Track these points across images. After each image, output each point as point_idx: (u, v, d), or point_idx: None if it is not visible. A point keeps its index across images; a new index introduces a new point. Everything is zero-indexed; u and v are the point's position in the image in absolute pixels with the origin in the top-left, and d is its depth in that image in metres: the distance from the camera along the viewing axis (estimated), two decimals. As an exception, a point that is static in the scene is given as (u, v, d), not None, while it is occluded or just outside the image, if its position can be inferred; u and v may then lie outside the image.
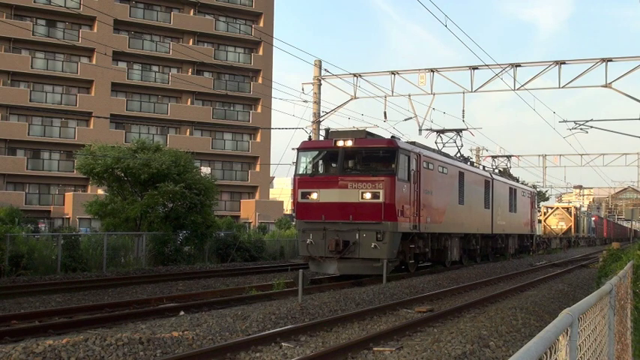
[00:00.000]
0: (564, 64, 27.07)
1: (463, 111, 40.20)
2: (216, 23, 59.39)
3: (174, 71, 57.23)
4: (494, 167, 40.57)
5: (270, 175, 61.28)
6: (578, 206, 66.34)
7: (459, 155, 28.81)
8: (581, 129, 33.59)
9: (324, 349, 9.41)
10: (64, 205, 51.29)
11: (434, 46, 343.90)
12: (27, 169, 51.06)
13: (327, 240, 18.96)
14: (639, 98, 26.40)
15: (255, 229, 41.98)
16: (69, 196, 50.42)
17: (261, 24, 60.43)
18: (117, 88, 54.81)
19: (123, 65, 55.31)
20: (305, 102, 29.93)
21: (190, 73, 57.08)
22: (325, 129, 21.95)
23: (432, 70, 28.78)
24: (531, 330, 11.09)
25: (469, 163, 29.08)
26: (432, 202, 21.80)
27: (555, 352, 2.95)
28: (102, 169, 26.38)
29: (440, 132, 29.68)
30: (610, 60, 26.31)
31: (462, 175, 25.30)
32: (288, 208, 55.54)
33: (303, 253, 19.88)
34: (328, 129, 21.34)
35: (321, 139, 24.10)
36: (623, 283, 7.09)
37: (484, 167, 35.98)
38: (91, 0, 49.91)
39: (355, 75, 29.68)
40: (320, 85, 29.98)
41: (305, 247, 19.49)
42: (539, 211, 56.60)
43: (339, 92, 48.55)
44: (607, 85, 26.40)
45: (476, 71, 28.34)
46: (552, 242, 52.14)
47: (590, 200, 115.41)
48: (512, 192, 33.79)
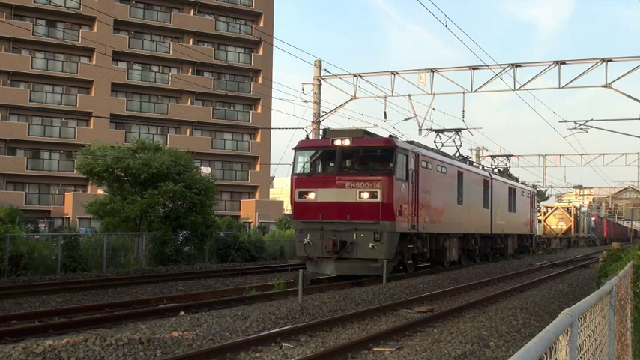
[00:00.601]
0: (564, 64, 27.06)
1: (463, 111, 40.19)
2: (216, 23, 59.39)
3: (174, 71, 57.23)
4: (493, 167, 40.59)
5: (270, 175, 61.29)
6: (578, 206, 66.29)
7: (457, 155, 28.80)
8: (581, 129, 33.60)
9: (324, 349, 9.41)
10: (64, 205, 51.30)
11: (434, 46, 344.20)
12: (27, 169, 51.06)
13: (325, 240, 18.79)
14: (639, 98, 26.41)
15: (255, 229, 42.00)
16: (69, 196, 50.43)
17: (261, 24, 60.43)
18: (117, 88, 54.82)
19: (123, 65, 55.31)
20: (305, 102, 29.94)
21: (190, 73, 57.08)
22: (324, 129, 21.88)
23: (432, 70, 28.77)
24: (531, 330, 11.09)
25: (468, 163, 29.01)
26: (430, 201, 21.68)
27: (555, 352, 2.95)
28: (102, 169, 26.41)
29: (439, 131, 29.66)
30: (610, 60, 26.30)
31: (460, 174, 25.21)
32: (288, 208, 55.38)
33: (300, 253, 19.66)
34: (327, 129, 21.23)
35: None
36: (623, 283, 7.09)
37: (483, 167, 35.95)
38: (91, 0, 49.90)
39: (355, 75, 29.67)
40: (320, 85, 29.97)
41: (302, 247, 19.31)
42: (539, 211, 56.57)
43: (339, 92, 48.56)
44: (607, 85, 26.39)
45: (476, 71, 28.33)
46: (552, 242, 52.11)
47: (590, 200, 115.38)
48: (512, 192, 33.69)
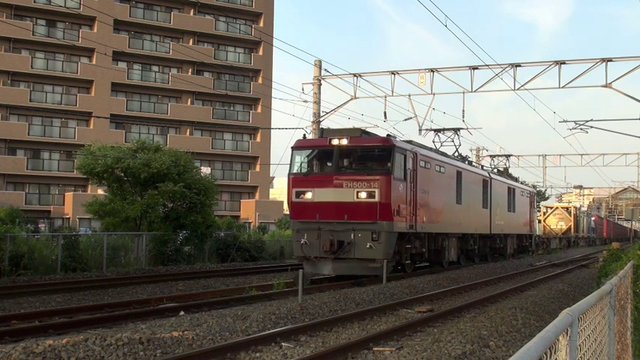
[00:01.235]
0: (564, 64, 27.05)
1: (463, 111, 40.17)
2: (216, 23, 59.40)
3: (174, 71, 57.23)
4: (493, 167, 40.56)
5: (270, 175, 61.27)
6: (578, 206, 66.27)
7: (456, 154, 28.77)
8: (581, 129, 33.58)
9: (324, 349, 9.41)
10: (64, 205, 51.30)
11: (434, 46, 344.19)
12: (27, 169, 51.06)
13: (322, 240, 18.64)
14: (639, 98, 26.41)
15: (255, 229, 42.01)
16: (69, 196, 50.43)
17: (261, 24, 60.44)
18: (117, 88, 54.82)
19: (123, 65, 55.32)
20: (305, 102, 29.91)
21: (190, 73, 57.08)
22: (321, 128, 21.81)
23: (432, 70, 28.76)
24: (531, 330, 11.09)
25: (467, 163, 28.93)
26: (428, 201, 21.56)
27: (555, 352, 2.95)
28: (102, 169, 26.42)
29: (437, 131, 29.63)
30: (610, 60, 26.29)
31: (459, 174, 25.12)
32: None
33: (297, 253, 19.48)
34: (326, 128, 21.16)
35: None
36: (623, 283, 7.09)
37: (482, 167, 35.90)
38: (91, 0, 49.90)
39: (355, 75, 29.66)
40: (320, 85, 29.95)
41: (299, 247, 19.15)
42: (539, 210, 56.54)
43: (339, 92, 48.52)
44: (607, 85, 26.39)
45: (476, 71, 28.32)
46: (552, 242, 52.10)
47: (590, 200, 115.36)
48: (511, 191, 33.60)
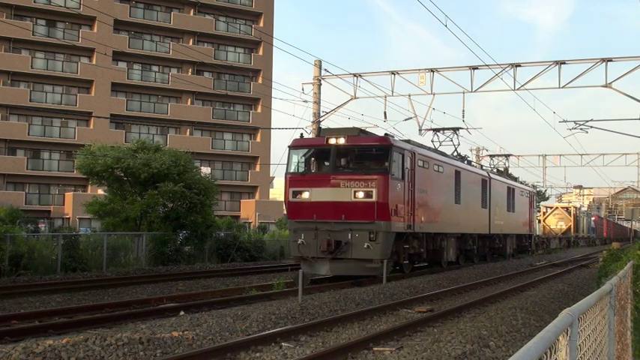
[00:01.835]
0: (564, 64, 27.04)
1: (463, 111, 40.34)
2: (216, 23, 59.40)
3: (174, 71, 57.24)
4: (492, 167, 40.53)
5: (270, 175, 61.26)
6: (578, 206, 66.25)
7: (455, 154, 28.73)
8: (581, 129, 33.57)
9: (324, 349, 9.41)
10: (64, 205, 51.31)
11: (434, 46, 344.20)
12: (27, 169, 51.07)
13: (319, 240, 18.49)
14: (639, 98, 26.41)
15: (255, 229, 42.00)
16: (69, 196, 50.44)
17: (261, 24, 60.44)
18: (117, 88, 54.82)
19: (123, 65, 55.32)
20: (305, 102, 29.90)
21: (190, 73, 57.09)
22: (319, 127, 21.77)
23: (432, 70, 28.75)
24: (531, 330, 11.09)
25: (466, 162, 28.85)
26: (427, 201, 21.45)
27: (555, 352, 2.95)
28: (102, 169, 26.42)
29: (436, 130, 29.60)
30: (610, 60, 26.28)
31: (458, 173, 25.00)
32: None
33: (294, 253, 19.36)
34: (325, 127, 21.08)
35: None
36: (623, 283, 7.09)
37: (482, 166, 35.85)
38: (91, 0, 49.91)
39: (355, 75, 29.65)
40: (320, 85, 29.94)
41: (296, 247, 19.02)
42: (539, 210, 56.52)
43: (339, 92, 48.47)
44: (607, 85, 26.38)
45: (476, 71, 28.30)
46: (552, 242, 52.09)
47: (590, 200, 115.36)
48: (511, 191, 33.51)
